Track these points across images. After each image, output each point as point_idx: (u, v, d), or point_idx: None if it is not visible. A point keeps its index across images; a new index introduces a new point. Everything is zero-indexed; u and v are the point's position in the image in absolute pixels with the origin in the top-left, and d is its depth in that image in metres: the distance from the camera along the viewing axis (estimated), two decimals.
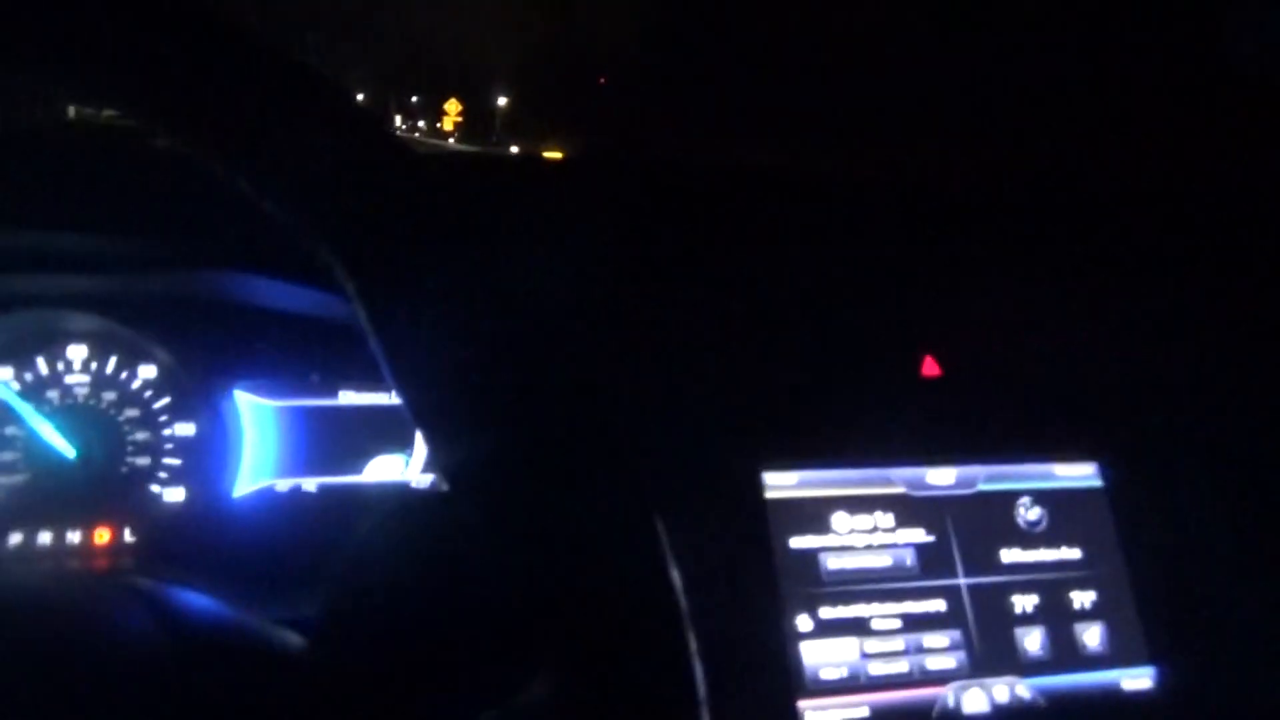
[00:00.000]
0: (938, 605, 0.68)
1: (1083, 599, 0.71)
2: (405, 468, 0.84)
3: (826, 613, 0.66)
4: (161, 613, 0.36)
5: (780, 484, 0.69)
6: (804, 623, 0.65)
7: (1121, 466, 0.75)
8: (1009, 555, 0.71)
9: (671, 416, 0.69)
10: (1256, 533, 0.76)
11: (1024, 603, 0.70)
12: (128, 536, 0.79)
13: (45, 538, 0.77)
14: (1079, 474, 0.75)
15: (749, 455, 0.69)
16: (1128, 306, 0.81)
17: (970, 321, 0.78)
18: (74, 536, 0.78)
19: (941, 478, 0.72)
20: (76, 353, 0.79)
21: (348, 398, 0.83)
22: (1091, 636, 0.70)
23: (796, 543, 0.67)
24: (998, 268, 0.80)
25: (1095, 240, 0.84)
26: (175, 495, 0.80)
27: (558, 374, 0.33)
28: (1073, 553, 0.72)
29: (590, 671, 0.32)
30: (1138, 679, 0.69)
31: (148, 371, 0.80)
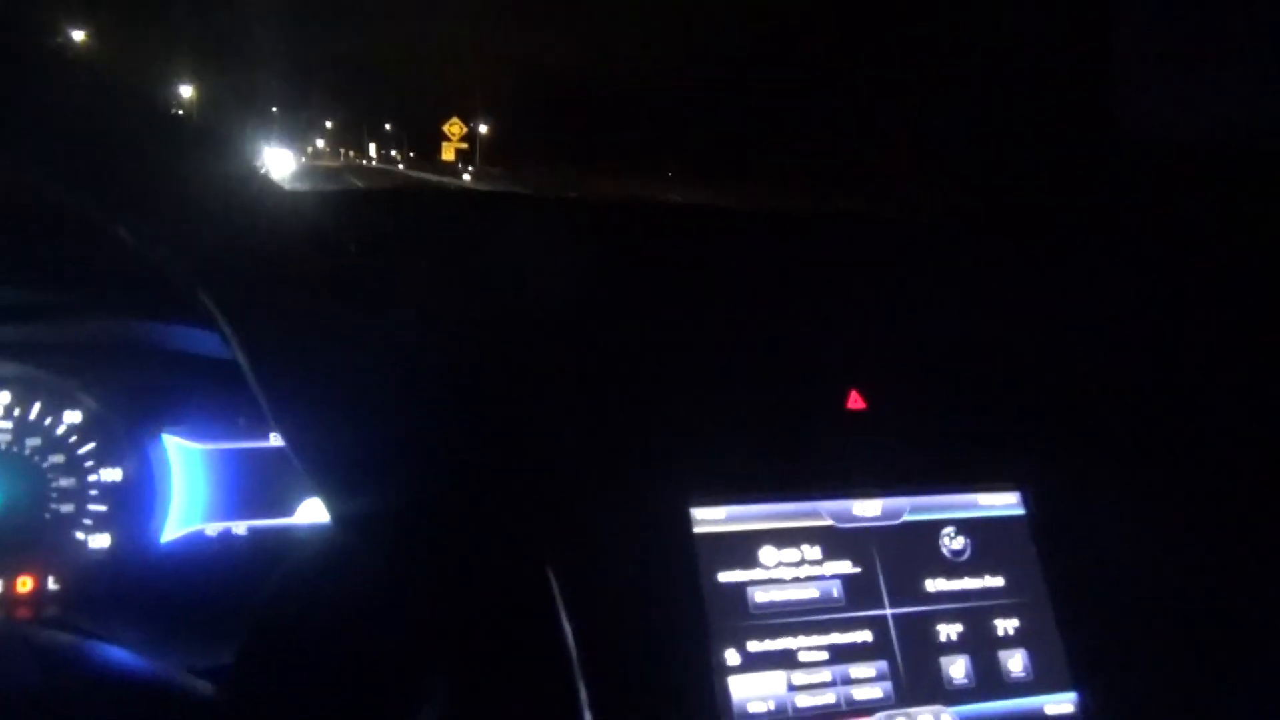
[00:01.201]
0: (864, 636, 0.69)
1: (1006, 626, 0.72)
2: None
3: (754, 646, 0.66)
4: (51, 661, 0.35)
5: (708, 519, 0.69)
6: (731, 656, 0.65)
7: (1043, 494, 0.77)
8: (934, 585, 0.72)
9: (599, 453, 0.70)
10: (1176, 559, 0.78)
11: (949, 631, 0.71)
12: (51, 584, 0.78)
13: None
14: (1002, 503, 0.77)
15: (677, 491, 0.69)
16: (1046, 337, 0.84)
17: (894, 355, 0.80)
18: None
19: (868, 509, 0.73)
20: None
21: (278, 439, 0.82)
22: (1015, 664, 0.71)
23: (725, 577, 0.68)
24: (921, 301, 0.82)
25: (1015, 273, 0.86)
26: (101, 542, 0.79)
27: (445, 428, 0.33)
28: (996, 581, 0.73)
29: (477, 710, 0.32)
30: (1061, 705, 0.70)
31: (73, 417, 0.79)
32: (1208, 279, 0.90)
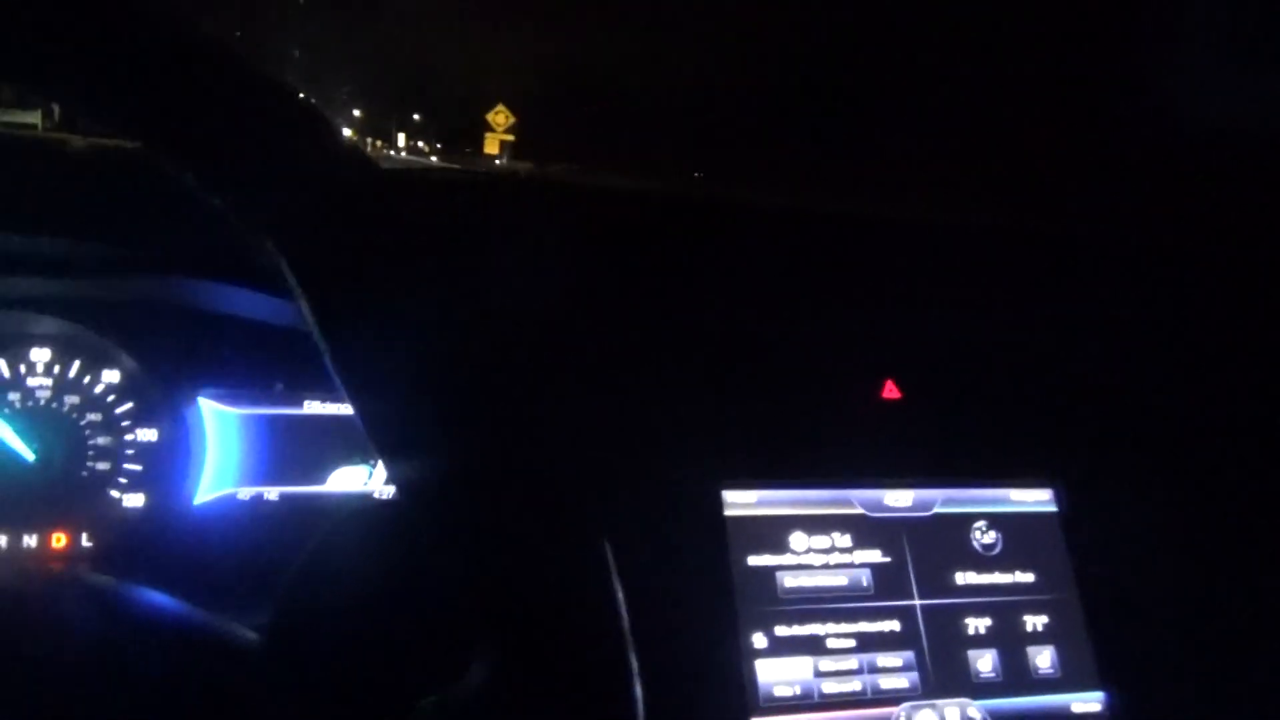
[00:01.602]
0: (892, 626, 0.69)
1: (1035, 622, 0.72)
2: (369, 478, 0.84)
3: (782, 631, 0.66)
4: (109, 606, 0.36)
5: (740, 502, 0.69)
6: (759, 640, 0.65)
7: (1076, 491, 0.77)
8: (964, 578, 0.72)
9: (635, 434, 0.70)
10: (1208, 559, 0.77)
11: (977, 625, 0.70)
12: (85, 541, 0.79)
13: (0, 540, 0.76)
14: (1034, 499, 0.76)
15: (710, 473, 0.69)
16: (1084, 334, 0.83)
17: (931, 346, 0.79)
18: (30, 540, 0.77)
19: (899, 500, 0.73)
20: (40, 355, 0.79)
21: (313, 407, 0.83)
22: (1043, 660, 0.70)
23: (754, 561, 0.68)
24: (959, 293, 0.81)
25: (1054, 267, 0.86)
26: (135, 501, 0.80)
27: (510, 396, 0.34)
28: (1026, 576, 0.73)
29: (528, 675, 0.32)
30: (1087, 703, 0.70)
31: (111, 376, 0.80)
32: (1245, 279, 0.89)
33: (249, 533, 0.80)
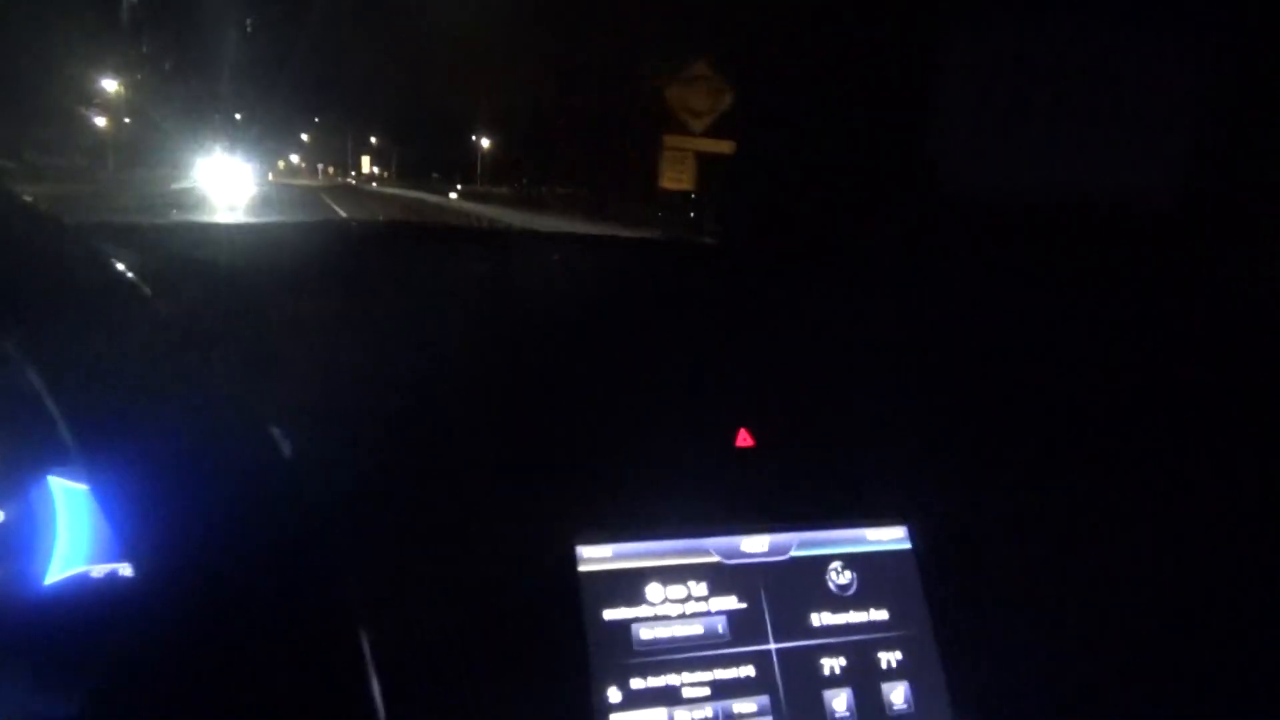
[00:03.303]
0: (748, 671, 0.70)
1: (889, 659, 0.73)
2: None
3: (637, 683, 0.67)
4: None
5: (594, 557, 0.70)
6: (614, 694, 0.66)
7: (929, 528, 0.79)
8: (819, 619, 0.73)
9: (484, 489, 0.70)
10: (1058, 591, 0.80)
11: (832, 665, 0.72)
12: None
13: None
14: (890, 537, 0.78)
15: (563, 530, 0.70)
16: (932, 375, 0.86)
17: (783, 393, 0.81)
18: None
19: (755, 546, 0.74)
20: None
21: None
22: (897, 695, 0.72)
23: (610, 614, 0.68)
24: (809, 339, 0.84)
25: (899, 312, 0.89)
26: None
27: (248, 486, 0.34)
28: (880, 614, 0.75)
29: None
30: None
31: None
32: (1088, 307, 0.94)
33: (101, 610, 0.78)
